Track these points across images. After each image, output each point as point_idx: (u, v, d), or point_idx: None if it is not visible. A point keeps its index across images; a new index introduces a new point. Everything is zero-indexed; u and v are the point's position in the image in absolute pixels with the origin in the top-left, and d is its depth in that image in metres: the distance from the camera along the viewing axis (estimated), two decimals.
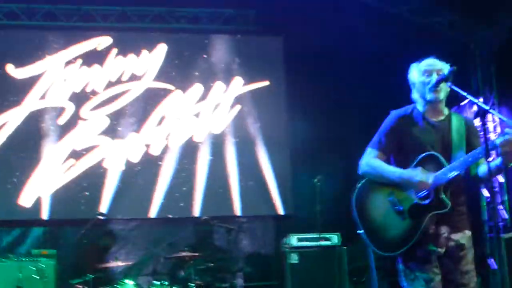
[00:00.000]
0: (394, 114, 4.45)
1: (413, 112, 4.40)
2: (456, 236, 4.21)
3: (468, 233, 4.27)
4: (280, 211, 10.42)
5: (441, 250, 4.16)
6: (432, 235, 4.14)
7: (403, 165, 4.26)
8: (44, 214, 9.86)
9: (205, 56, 10.84)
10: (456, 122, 4.34)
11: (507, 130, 3.90)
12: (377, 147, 4.39)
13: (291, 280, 7.95)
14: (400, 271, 4.27)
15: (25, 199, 9.82)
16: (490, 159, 3.93)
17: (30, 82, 10.20)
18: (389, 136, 4.37)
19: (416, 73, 4.38)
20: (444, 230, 4.17)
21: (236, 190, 10.38)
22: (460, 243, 4.21)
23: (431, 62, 4.35)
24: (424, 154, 4.20)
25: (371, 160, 4.37)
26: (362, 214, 4.32)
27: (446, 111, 4.40)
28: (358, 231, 4.30)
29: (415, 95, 4.43)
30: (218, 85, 10.74)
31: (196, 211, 10.16)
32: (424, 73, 4.30)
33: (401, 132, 4.34)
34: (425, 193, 4.13)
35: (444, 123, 4.34)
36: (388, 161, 4.35)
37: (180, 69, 10.73)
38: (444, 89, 4.25)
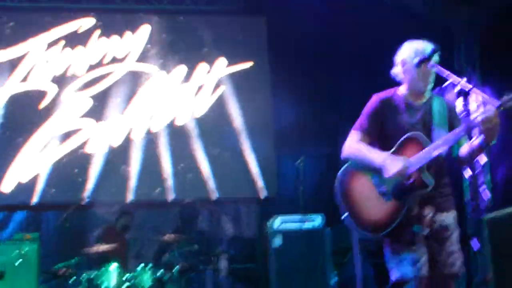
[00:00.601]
0: (376, 97, 4.45)
1: (395, 95, 4.40)
2: (441, 217, 4.22)
3: (452, 213, 4.30)
4: (264, 193, 10.41)
5: (426, 231, 4.15)
6: (417, 216, 4.14)
7: (386, 147, 4.26)
8: (26, 199, 9.79)
9: (188, 37, 10.77)
10: (437, 105, 4.34)
11: (487, 107, 3.90)
12: (360, 130, 4.40)
13: (275, 261, 7.95)
14: (387, 252, 4.28)
15: (7, 184, 9.75)
16: (473, 139, 3.94)
17: (11, 65, 10.12)
18: (371, 119, 4.37)
19: (411, 52, 4.31)
20: (428, 211, 4.16)
21: (219, 172, 10.35)
22: (445, 224, 4.22)
23: (429, 48, 4.26)
24: (406, 135, 4.21)
25: (354, 143, 4.37)
26: (346, 197, 4.32)
27: (427, 94, 4.38)
28: (343, 216, 4.28)
29: (400, 72, 4.40)
30: (202, 67, 10.68)
31: (179, 194, 10.11)
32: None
33: (383, 115, 4.35)
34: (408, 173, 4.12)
35: (426, 106, 4.35)
36: (371, 144, 4.34)
37: (163, 50, 10.67)
38: (432, 76, 4.26)
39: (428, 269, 4.11)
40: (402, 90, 4.40)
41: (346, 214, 4.29)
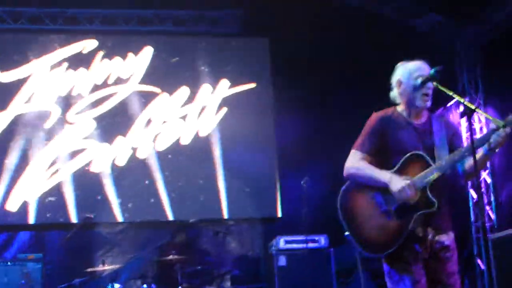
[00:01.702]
0: (376, 116, 4.45)
1: (394, 113, 4.41)
2: (441, 238, 4.22)
3: (451, 234, 4.29)
4: (268, 213, 10.43)
5: (427, 252, 4.17)
6: (418, 236, 4.15)
7: (387, 165, 4.26)
8: (31, 219, 9.83)
9: (191, 58, 10.83)
10: (437, 125, 4.36)
11: (499, 131, 3.92)
12: (361, 149, 4.38)
13: (279, 282, 7.95)
14: (386, 272, 4.27)
15: (12, 204, 9.78)
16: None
17: (15, 86, 10.17)
18: (372, 138, 4.36)
19: (406, 73, 4.36)
20: (429, 231, 4.17)
21: (223, 192, 10.37)
22: (446, 245, 4.22)
23: (425, 67, 4.34)
24: (409, 154, 4.21)
25: (356, 163, 4.35)
26: (348, 216, 4.30)
27: (426, 113, 4.42)
28: (345, 234, 4.29)
29: (396, 95, 4.43)
30: (205, 88, 10.73)
31: (184, 214, 10.11)
32: (417, 77, 4.29)
33: (383, 133, 4.34)
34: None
35: (425, 125, 4.36)
36: (371, 162, 4.33)
37: (167, 71, 10.74)
38: (430, 94, 4.28)
39: None
40: (400, 109, 4.42)
41: (347, 233, 4.29)
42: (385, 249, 4.17)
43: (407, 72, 4.36)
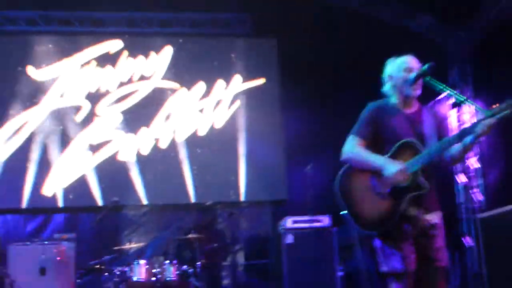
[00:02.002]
0: (371, 105, 4.45)
1: (388, 104, 4.41)
2: (429, 217, 4.22)
3: (439, 213, 4.29)
4: (276, 196, 10.47)
5: (416, 230, 4.20)
6: (409, 216, 4.18)
7: (380, 151, 4.27)
8: (64, 202, 9.91)
9: (207, 57, 10.85)
10: (426, 114, 4.38)
11: (485, 121, 3.94)
12: (358, 135, 4.36)
13: (287, 258, 7.97)
14: (378, 248, 4.28)
15: (47, 189, 9.86)
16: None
17: (49, 83, 10.24)
18: (368, 125, 4.36)
19: (395, 68, 4.39)
20: (418, 211, 4.20)
21: (235, 178, 10.42)
22: (433, 223, 4.23)
23: (412, 60, 4.37)
24: (402, 141, 4.23)
25: (354, 147, 4.33)
26: (345, 197, 4.27)
27: (416, 104, 4.44)
28: (342, 212, 4.31)
29: (389, 88, 4.45)
30: (219, 83, 10.75)
31: (201, 197, 10.18)
32: (405, 69, 4.32)
33: (378, 121, 4.34)
34: None
35: (416, 114, 4.37)
36: (367, 147, 4.33)
37: (185, 69, 10.75)
38: (419, 86, 4.31)
39: (416, 265, 4.18)
40: (393, 100, 4.42)
41: (345, 211, 4.27)
42: (379, 227, 4.17)
43: (396, 66, 4.39)
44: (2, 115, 10.00)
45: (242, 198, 10.40)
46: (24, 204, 9.71)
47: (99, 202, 9.84)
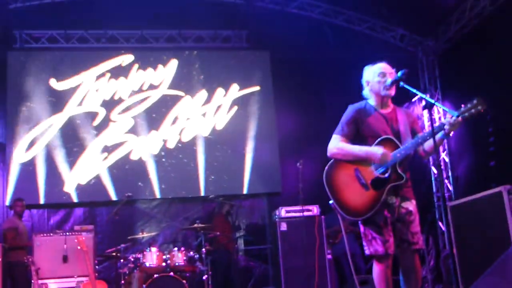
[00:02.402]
0: (352, 107, 4.45)
1: (367, 105, 4.41)
2: (406, 205, 4.23)
3: (414, 202, 4.29)
4: (271, 189, 10.41)
5: (394, 217, 4.17)
6: (389, 204, 4.15)
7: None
8: (84, 198, 9.84)
9: (208, 68, 10.80)
10: (400, 114, 4.37)
11: (453, 119, 3.90)
12: (341, 134, 4.36)
13: (281, 243, 7.94)
14: (361, 232, 4.28)
15: (69, 186, 9.79)
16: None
17: (69, 93, 10.16)
18: (349, 125, 4.35)
19: (371, 74, 4.40)
20: (396, 200, 4.18)
21: (235, 173, 10.35)
22: (409, 210, 4.22)
23: (385, 66, 4.39)
24: (381, 137, 4.21)
25: (338, 144, 4.33)
26: (332, 187, 4.28)
27: (391, 105, 4.42)
28: (330, 202, 4.28)
29: (367, 92, 4.44)
30: (219, 91, 10.70)
31: (204, 191, 10.13)
32: (380, 74, 4.33)
33: (358, 121, 4.33)
34: (384, 169, 4.13)
35: (391, 114, 4.36)
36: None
37: (189, 79, 10.69)
38: (393, 88, 4.31)
39: (395, 247, 4.14)
40: (371, 102, 4.41)
41: (332, 201, 4.28)
42: (363, 214, 4.17)
43: (371, 72, 4.41)
44: (29, 120, 9.91)
45: (242, 191, 10.32)
46: (48, 199, 9.62)
47: (114, 196, 9.76)
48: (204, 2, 10.45)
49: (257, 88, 10.82)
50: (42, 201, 9.64)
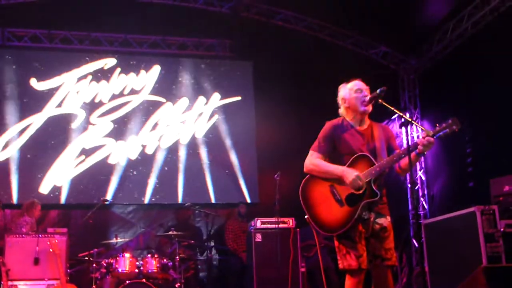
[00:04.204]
0: (329, 123, 4.45)
1: (344, 122, 4.42)
2: (380, 221, 4.24)
3: (388, 218, 4.30)
4: (248, 199, 10.42)
5: (368, 232, 4.20)
6: (363, 219, 4.18)
7: (337, 163, 4.28)
8: (59, 200, 9.76)
9: (190, 76, 10.81)
10: (376, 130, 4.39)
11: (427, 138, 3.96)
12: (318, 150, 4.37)
13: (256, 254, 7.92)
14: (336, 247, 4.27)
15: (44, 188, 9.71)
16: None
17: (49, 94, 10.11)
18: (326, 141, 4.36)
19: (347, 91, 4.42)
20: (371, 215, 4.20)
21: (212, 182, 10.37)
22: (384, 226, 4.24)
23: (360, 82, 4.42)
24: (357, 155, 4.23)
25: (314, 160, 4.34)
26: (307, 203, 4.29)
27: (368, 121, 4.45)
28: (305, 217, 4.29)
29: (343, 110, 4.46)
30: (200, 99, 10.72)
31: (181, 198, 10.10)
32: (357, 91, 4.35)
33: (335, 137, 4.34)
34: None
35: (368, 131, 4.38)
36: (326, 161, 4.34)
37: (171, 86, 10.70)
38: (370, 106, 4.33)
39: (368, 263, 4.17)
40: (348, 119, 4.43)
41: (307, 216, 4.28)
42: (337, 229, 4.17)
43: (347, 90, 4.43)
44: (7, 119, 9.84)
45: (217, 200, 10.33)
46: (23, 200, 9.50)
47: (91, 200, 9.69)
48: (190, 10, 10.48)
49: (238, 98, 10.86)
50: (15, 201, 9.54)
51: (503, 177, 6.88)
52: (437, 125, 4.01)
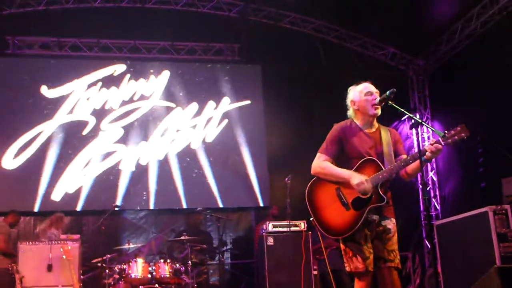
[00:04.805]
0: (337, 126, 4.41)
1: (352, 125, 4.38)
2: (384, 223, 4.22)
3: (393, 220, 4.29)
4: (260, 203, 10.42)
5: (373, 234, 4.19)
6: (368, 222, 4.16)
7: (344, 167, 4.25)
8: (71, 206, 9.80)
9: (199, 80, 10.83)
10: (384, 134, 4.36)
11: (435, 144, 3.94)
12: (325, 153, 4.33)
13: (268, 258, 7.91)
14: (342, 250, 4.25)
15: (56, 195, 9.77)
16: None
17: (60, 100, 10.17)
18: (334, 144, 4.32)
19: (357, 93, 4.37)
20: (375, 218, 4.19)
21: (224, 187, 10.37)
22: (387, 228, 4.22)
23: (370, 85, 4.38)
24: (364, 159, 4.22)
25: (321, 163, 4.30)
26: (313, 205, 4.27)
27: (376, 124, 4.42)
28: (311, 219, 4.28)
29: (352, 112, 4.42)
30: (210, 104, 10.74)
31: (193, 203, 10.09)
32: (367, 93, 4.32)
33: (343, 140, 4.31)
34: None
35: (376, 134, 4.35)
36: (333, 164, 4.31)
37: (180, 91, 10.71)
38: (379, 109, 4.29)
39: (373, 265, 4.15)
40: (356, 121, 4.39)
41: (312, 218, 4.26)
42: (343, 233, 4.15)
43: (357, 92, 4.37)
44: (19, 127, 9.91)
45: (228, 204, 10.34)
46: (36, 207, 9.58)
47: (102, 206, 9.72)
48: (198, 14, 10.53)
49: (247, 102, 10.87)
50: (30, 209, 9.61)
51: None
52: (446, 132, 3.97)
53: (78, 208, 9.86)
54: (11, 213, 8.79)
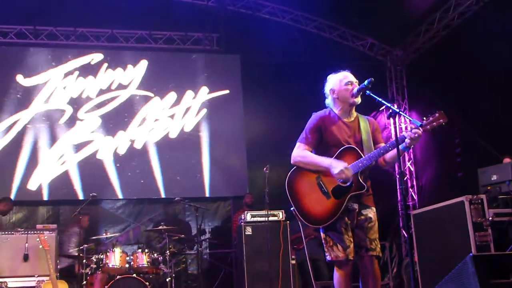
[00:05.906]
0: (316, 115, 4.41)
1: (330, 114, 4.38)
2: (365, 211, 4.24)
3: (373, 208, 4.30)
4: (238, 193, 10.39)
5: (354, 223, 4.19)
6: (348, 211, 4.17)
7: (324, 154, 4.24)
8: (47, 196, 9.71)
9: (178, 70, 10.76)
10: (362, 122, 4.37)
11: (415, 130, 3.94)
12: (305, 142, 4.33)
13: (246, 247, 7.92)
14: (322, 238, 4.26)
15: (32, 184, 9.65)
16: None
17: (36, 90, 10.03)
18: (313, 133, 4.32)
19: (337, 82, 4.36)
20: (356, 207, 4.20)
21: (201, 176, 10.34)
22: (368, 217, 4.24)
23: (350, 74, 4.38)
24: (344, 147, 4.22)
25: (301, 152, 4.30)
26: (294, 194, 4.27)
27: (355, 113, 4.42)
28: (291, 209, 4.27)
29: (330, 100, 4.41)
30: (189, 93, 10.67)
31: (170, 193, 10.05)
32: (347, 83, 4.31)
33: (322, 129, 4.30)
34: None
35: (354, 123, 4.36)
36: (312, 153, 4.31)
37: (158, 80, 10.63)
38: (358, 98, 4.29)
39: (354, 254, 4.16)
40: (335, 110, 4.38)
41: (293, 208, 4.26)
42: (323, 222, 4.16)
43: (337, 81, 4.37)
44: None
45: (208, 194, 10.30)
46: (12, 197, 9.44)
47: (80, 196, 9.66)
48: (176, 3, 10.44)
49: (226, 91, 10.82)
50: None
51: (491, 166, 6.90)
52: (424, 118, 3.98)
53: (55, 197, 9.74)
54: (3, 201, 8.65)
